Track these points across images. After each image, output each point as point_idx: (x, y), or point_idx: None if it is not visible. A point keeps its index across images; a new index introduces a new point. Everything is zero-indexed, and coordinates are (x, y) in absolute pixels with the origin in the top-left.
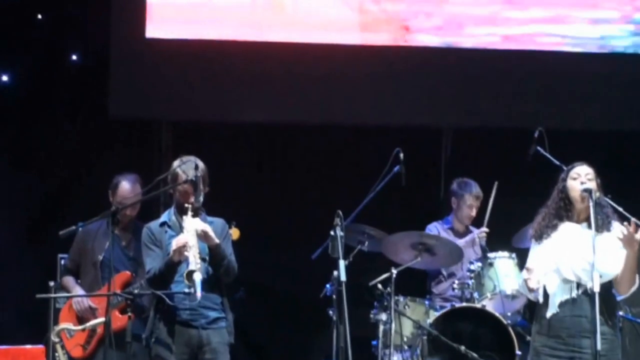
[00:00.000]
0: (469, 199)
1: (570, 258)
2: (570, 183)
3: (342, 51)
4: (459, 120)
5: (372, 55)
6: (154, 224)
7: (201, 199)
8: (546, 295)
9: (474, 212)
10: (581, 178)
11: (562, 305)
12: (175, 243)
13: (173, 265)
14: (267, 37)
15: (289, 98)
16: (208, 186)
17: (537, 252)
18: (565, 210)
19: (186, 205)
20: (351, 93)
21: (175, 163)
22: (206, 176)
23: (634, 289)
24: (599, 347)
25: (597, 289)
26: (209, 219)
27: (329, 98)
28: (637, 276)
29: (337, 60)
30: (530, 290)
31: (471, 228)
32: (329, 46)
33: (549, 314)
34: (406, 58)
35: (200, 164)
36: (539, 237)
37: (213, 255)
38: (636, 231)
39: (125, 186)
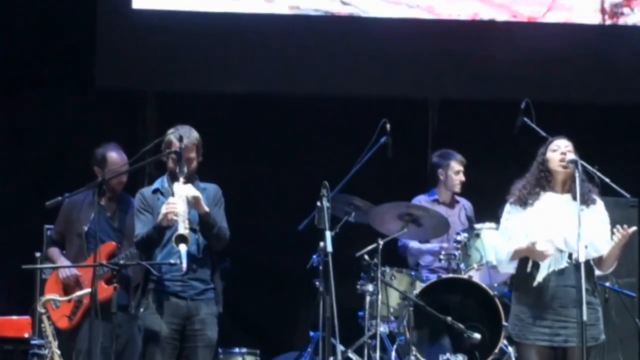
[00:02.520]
0: (456, 165)
1: (561, 229)
2: (550, 155)
3: (329, 22)
4: (446, 92)
5: (359, 26)
6: (146, 190)
7: (185, 169)
8: (537, 266)
9: (463, 177)
10: (561, 149)
11: (553, 275)
12: (164, 207)
13: (161, 229)
14: (252, 9)
15: (275, 69)
16: (202, 156)
17: (519, 219)
18: (546, 181)
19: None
20: (338, 64)
21: (170, 131)
22: (199, 146)
23: (613, 267)
24: (585, 317)
25: (582, 260)
26: (202, 185)
27: (315, 69)
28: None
29: (323, 32)
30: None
31: (459, 199)
32: (316, 18)
33: (535, 284)
34: (393, 30)
35: (193, 134)
36: (524, 203)
37: (203, 224)
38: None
39: (114, 156)
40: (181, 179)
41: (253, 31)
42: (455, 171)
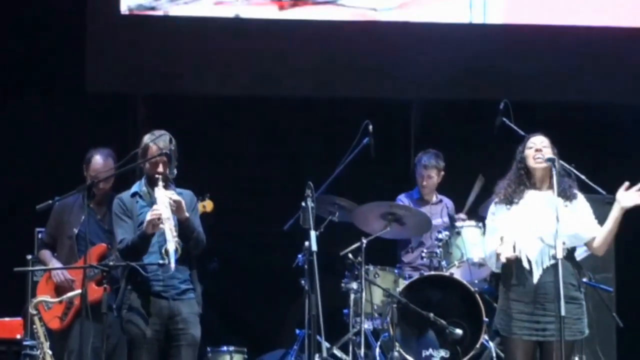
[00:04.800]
0: (419, 168)
1: (548, 225)
2: (526, 152)
3: (314, 26)
4: (427, 93)
5: (343, 29)
6: (125, 195)
7: (175, 171)
8: (529, 262)
9: (425, 182)
10: (536, 146)
11: (543, 271)
12: (149, 215)
13: (146, 237)
14: (238, 13)
15: (260, 72)
16: (177, 160)
17: (505, 217)
18: (527, 179)
19: (157, 176)
20: (321, 67)
21: (147, 137)
22: (176, 151)
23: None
24: (563, 312)
25: (560, 256)
26: (178, 190)
27: (299, 72)
28: None
29: (307, 36)
30: (498, 259)
31: (442, 197)
32: (299, 22)
33: (535, 280)
34: (376, 33)
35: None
36: (509, 202)
37: (182, 228)
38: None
39: (98, 160)
40: (160, 184)
41: (238, 35)
42: (418, 174)
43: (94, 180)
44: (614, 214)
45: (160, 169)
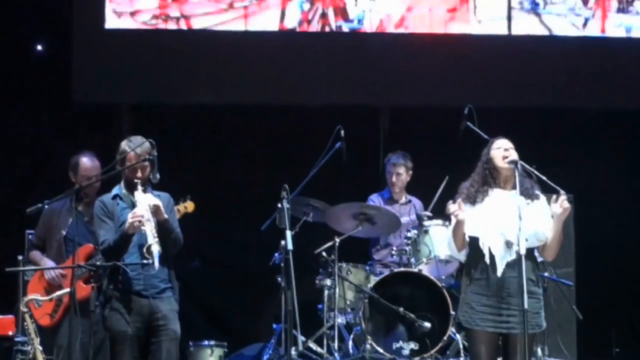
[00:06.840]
0: (388, 167)
1: (511, 222)
2: (494, 153)
3: (288, 37)
4: (395, 100)
5: (316, 40)
6: (106, 197)
7: (158, 175)
8: (491, 257)
9: (394, 179)
10: (503, 147)
11: (506, 266)
12: (131, 216)
13: (127, 237)
14: (216, 26)
15: (238, 82)
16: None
17: (470, 214)
18: (492, 178)
19: (135, 180)
20: (296, 76)
21: (124, 143)
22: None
23: (556, 254)
24: (526, 305)
25: (523, 252)
26: (155, 192)
27: (276, 81)
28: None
29: (283, 46)
30: (457, 242)
31: (410, 197)
32: (275, 33)
33: (499, 274)
34: (346, 43)
35: (146, 145)
36: (473, 201)
37: (161, 230)
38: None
39: (87, 162)
40: (140, 188)
41: (216, 47)
42: (388, 172)
43: (82, 183)
44: (554, 222)
45: (139, 174)
